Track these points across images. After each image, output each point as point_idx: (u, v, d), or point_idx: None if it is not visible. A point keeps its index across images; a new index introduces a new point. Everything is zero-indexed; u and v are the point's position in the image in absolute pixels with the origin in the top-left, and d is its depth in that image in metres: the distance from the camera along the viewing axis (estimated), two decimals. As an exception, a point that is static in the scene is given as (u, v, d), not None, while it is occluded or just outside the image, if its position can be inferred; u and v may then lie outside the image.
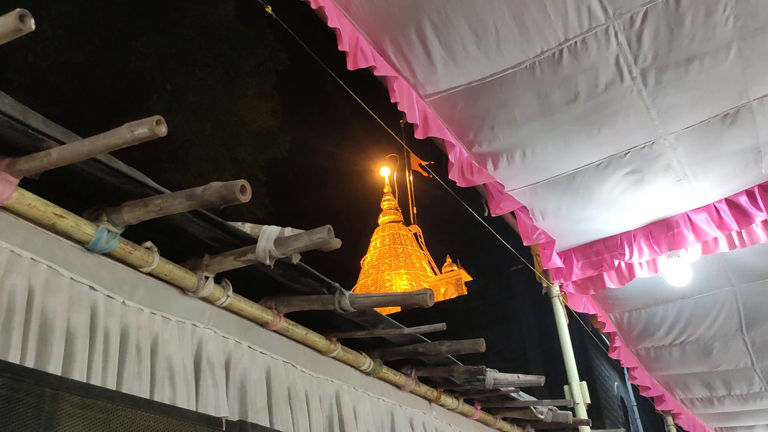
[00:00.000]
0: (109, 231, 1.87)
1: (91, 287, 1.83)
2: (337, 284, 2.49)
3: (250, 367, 2.37)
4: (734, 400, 8.26)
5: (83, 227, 1.81)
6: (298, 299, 2.55)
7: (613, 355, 7.03)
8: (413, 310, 21.08)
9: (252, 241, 2.14)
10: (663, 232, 5.10)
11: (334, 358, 2.88)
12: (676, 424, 8.90)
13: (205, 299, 2.25)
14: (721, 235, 4.98)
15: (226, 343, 2.30)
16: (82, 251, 1.86)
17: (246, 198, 1.73)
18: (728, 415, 8.93)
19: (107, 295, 1.87)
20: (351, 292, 2.50)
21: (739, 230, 4.90)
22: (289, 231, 2.17)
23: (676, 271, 5.47)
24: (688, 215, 5.01)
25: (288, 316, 2.62)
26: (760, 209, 4.70)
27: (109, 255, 1.92)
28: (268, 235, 2.12)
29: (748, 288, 6.06)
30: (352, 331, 2.86)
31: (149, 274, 2.05)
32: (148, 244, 2.02)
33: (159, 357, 1.97)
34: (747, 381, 7.74)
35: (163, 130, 1.47)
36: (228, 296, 2.29)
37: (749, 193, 4.75)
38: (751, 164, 4.53)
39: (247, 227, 2.23)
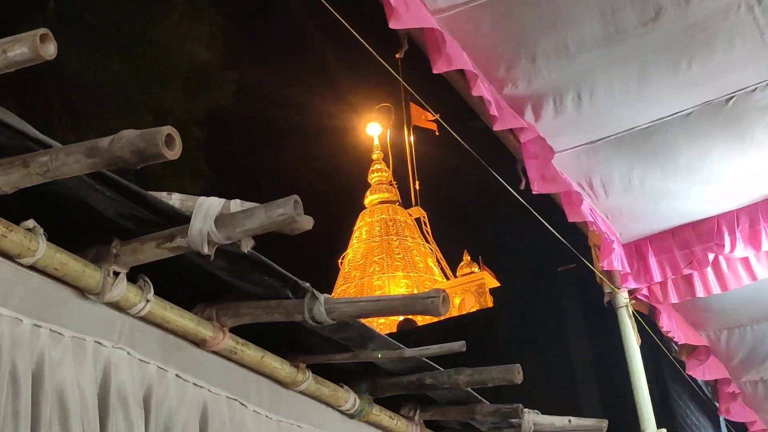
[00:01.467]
0: (-33, 203, 1.85)
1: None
2: (307, 284, 2.48)
3: (179, 404, 2.36)
4: None
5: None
6: (251, 306, 2.54)
7: (696, 374, 7.07)
8: (416, 330, 21.22)
9: (183, 219, 2.12)
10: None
11: (302, 392, 2.88)
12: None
13: (115, 305, 2.23)
14: None
15: (144, 369, 2.29)
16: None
17: (174, 153, 1.71)
18: None
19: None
20: (328, 296, 2.50)
21: None
22: (236, 205, 2.15)
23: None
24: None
25: (236, 331, 2.61)
26: None
27: (-33, 240, 1.90)
28: (206, 210, 2.10)
29: None
30: (330, 353, 2.86)
31: (32, 267, 2.03)
32: (30, 223, 1.99)
33: (45, 388, 1.95)
34: None
35: (50, 50, 1.45)
36: (148, 301, 2.27)
37: None
38: None
39: (175, 199, 2.22)
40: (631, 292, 5.68)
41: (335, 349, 2.86)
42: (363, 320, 2.83)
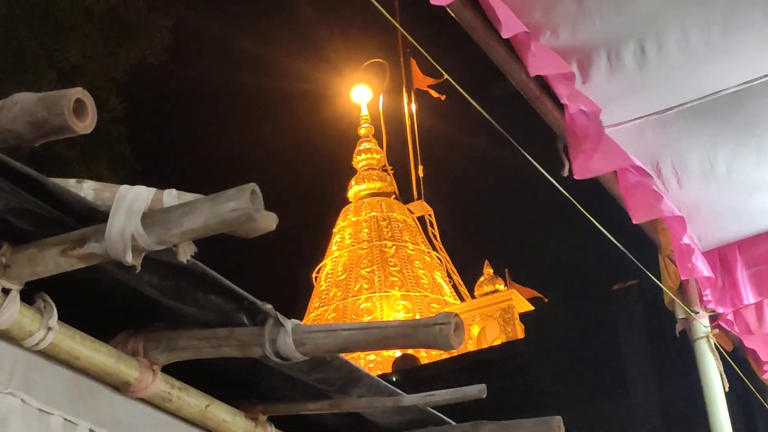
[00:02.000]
0: None
1: None
2: (269, 306, 2.49)
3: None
4: None
5: None
6: (192, 337, 2.55)
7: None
8: (419, 370, 21.28)
9: (98, 217, 2.12)
10: None
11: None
12: None
13: (4, 335, 2.23)
14: None
15: (46, 422, 2.29)
16: None
17: (85, 125, 1.71)
18: None
19: None
20: (298, 322, 2.50)
21: None
22: (172, 197, 2.16)
23: None
24: None
25: (172, 370, 2.61)
26: None
27: None
28: (129, 204, 2.10)
29: None
30: (300, 401, 2.86)
31: None
32: None
33: None
34: None
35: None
36: (49, 329, 2.27)
37: None
38: None
39: (87, 189, 2.22)
40: (713, 319, 5.70)
41: (307, 395, 2.87)
42: (345, 356, 2.83)
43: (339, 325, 2.53)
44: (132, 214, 2.09)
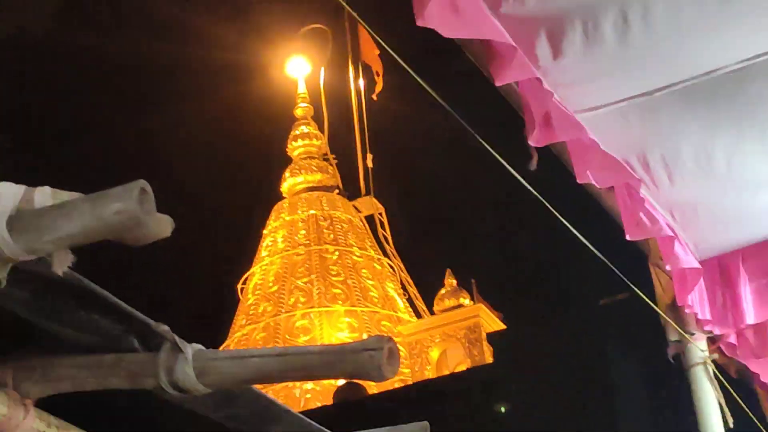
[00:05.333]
0: None
1: None
2: (164, 327, 2.49)
3: None
4: None
5: None
6: (72, 365, 2.54)
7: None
8: (365, 402, 21.36)
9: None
10: None
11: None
12: None
13: None
14: None
15: None
16: None
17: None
18: None
19: None
20: (200, 347, 2.50)
21: None
22: (45, 196, 2.16)
23: None
24: None
25: (48, 405, 2.61)
26: None
27: None
28: (-7, 206, 2.10)
29: None
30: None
31: None
32: None
33: None
34: None
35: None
36: None
37: None
38: None
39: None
40: (712, 341, 5.75)
41: (215, 436, 2.88)
42: (262, 388, 2.84)
43: (249, 351, 2.53)
44: (-2, 217, 2.09)
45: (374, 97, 30.43)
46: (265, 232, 34.22)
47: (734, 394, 6.14)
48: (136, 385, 2.52)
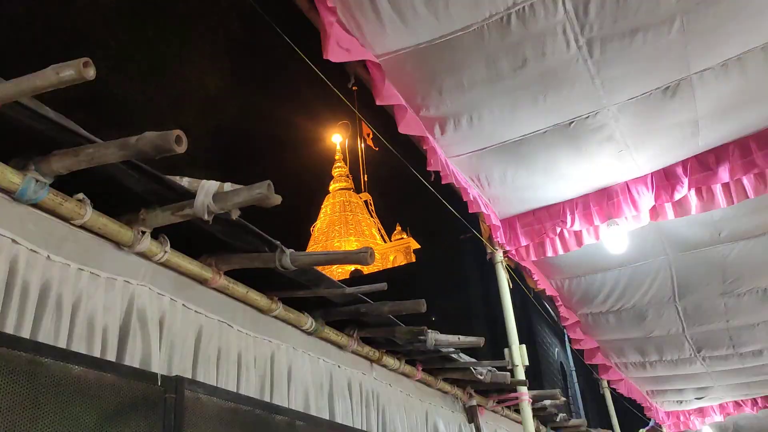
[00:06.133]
0: (37, 180, 1.80)
1: (13, 240, 1.76)
2: (278, 242, 2.47)
3: (183, 326, 2.34)
4: (665, 365, 8.66)
5: (9, 176, 1.74)
6: (239, 257, 2.52)
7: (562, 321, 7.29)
8: (363, 277, 21.10)
9: (190, 195, 2.10)
10: (603, 201, 5.22)
11: (275, 317, 2.88)
12: (612, 388, 9.30)
13: (142, 255, 2.20)
14: (658, 205, 5.13)
15: (161, 300, 2.27)
16: (8, 201, 1.79)
17: (182, 149, 1.69)
18: (659, 379, 9.36)
19: (30, 249, 1.81)
20: (292, 250, 2.49)
21: (674, 201, 5.06)
22: (228, 186, 2.14)
23: (615, 239, 5.61)
24: (627, 185, 5.14)
25: (228, 274, 2.59)
26: (693, 181, 4.86)
27: (37, 206, 1.86)
28: (206, 189, 2.08)
29: (681, 258, 6.30)
30: (294, 290, 2.85)
31: (81, 227, 1.99)
32: (80, 195, 1.95)
33: (80, 315, 1.93)
34: (678, 347, 8.11)
35: (91, 73, 1.42)
36: (165, 252, 2.24)
37: (684, 165, 4.90)
38: (688, 137, 4.66)
39: (185, 181, 2.18)
40: (505, 253, 5.72)
41: (298, 287, 2.86)
42: (319, 268, 2.83)
43: (313, 252, 2.52)
44: (208, 194, 2.07)
45: (373, 147, 30.43)
46: (322, 207, 34.15)
47: (515, 276, 6.14)
48: (266, 265, 2.49)
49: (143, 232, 2.15)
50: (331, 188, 35.02)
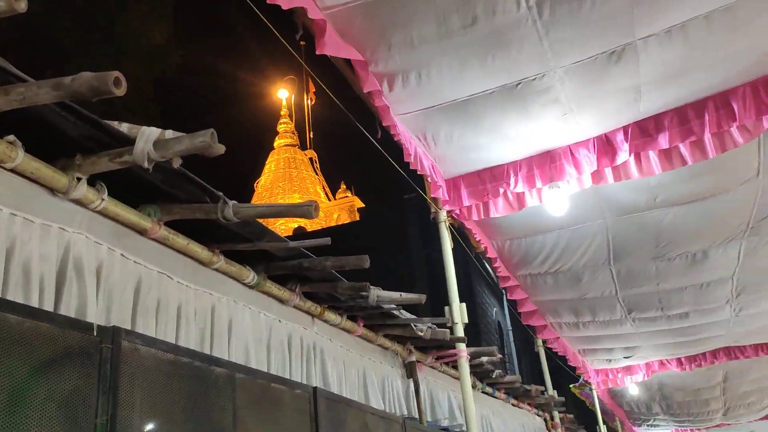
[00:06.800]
0: (-37, 120, 1.72)
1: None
2: (220, 193, 2.44)
3: (121, 276, 2.31)
4: (598, 325, 9.05)
5: (-69, 113, 1.66)
6: (180, 207, 2.49)
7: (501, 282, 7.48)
8: (306, 235, 21.06)
9: (130, 142, 2.05)
10: (546, 164, 5.33)
11: (216, 270, 2.86)
12: (546, 347, 9.67)
13: (77, 202, 2.14)
14: (599, 170, 5.27)
15: (98, 249, 2.22)
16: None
17: (120, 91, 1.64)
18: (591, 339, 9.80)
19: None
20: (235, 202, 2.47)
21: (614, 165, 5.21)
22: (170, 133, 2.09)
23: (556, 202, 5.75)
24: (570, 148, 5.26)
25: (169, 225, 2.55)
26: (633, 146, 5.02)
27: (-37, 147, 1.78)
28: (147, 136, 2.04)
29: (618, 222, 6.52)
30: (236, 243, 2.83)
31: (13, 171, 1.92)
32: (11, 137, 1.88)
33: (14, 261, 1.88)
34: (610, 308, 8.47)
35: (22, 6, 1.36)
36: (103, 200, 2.19)
37: (625, 131, 5.04)
38: (631, 102, 4.78)
39: (124, 127, 2.13)
40: (448, 213, 5.78)
41: (241, 240, 2.84)
42: (263, 222, 2.82)
43: (257, 204, 2.50)
44: (148, 141, 2.03)
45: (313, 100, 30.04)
46: (266, 162, 33.67)
47: (457, 236, 6.23)
48: (208, 217, 2.47)
49: (79, 179, 2.09)
50: (276, 144, 34.48)
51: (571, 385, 12.37)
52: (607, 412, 14.26)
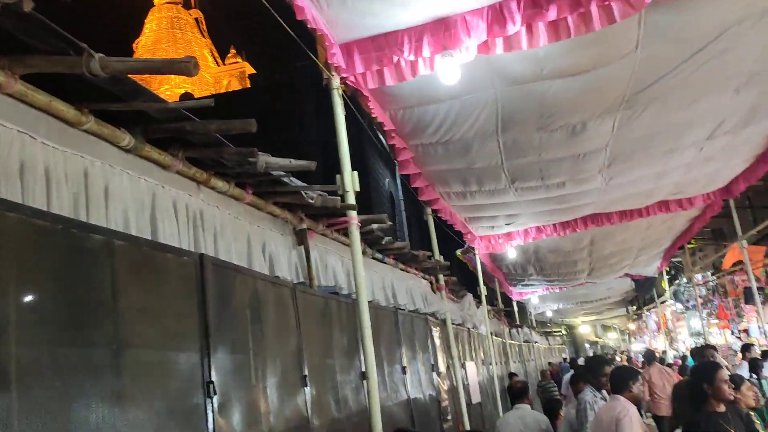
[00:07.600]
0: None
1: None
2: (85, 45, 2.20)
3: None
4: (483, 194, 9.45)
5: None
6: (38, 59, 2.22)
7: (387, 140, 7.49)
8: (194, 99, 20.30)
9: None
10: (440, 32, 5.23)
11: (86, 131, 2.64)
12: (435, 216, 10.04)
13: None
14: (490, 39, 5.24)
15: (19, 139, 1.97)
16: None
17: None
18: (477, 207, 10.27)
19: None
20: (102, 54, 2.23)
21: (507, 35, 5.20)
22: None
23: (448, 70, 5.72)
24: (464, 16, 5.17)
25: (28, 80, 2.29)
26: (525, 17, 5.00)
27: None
28: (-12, -28, 1.75)
29: (508, 92, 6.61)
30: (108, 102, 2.61)
31: None
32: None
33: None
34: (495, 178, 8.82)
35: None
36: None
37: (518, 1, 4.99)
38: (523, -29, 4.71)
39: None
40: (342, 80, 5.63)
41: (114, 99, 2.62)
42: (133, 76, 2.57)
43: (128, 58, 2.26)
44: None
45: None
46: (146, 21, 31.15)
47: (350, 104, 6.10)
48: (71, 70, 2.23)
49: None
50: (156, 1, 31.82)
51: (457, 251, 13.10)
52: (487, 274, 15.31)
